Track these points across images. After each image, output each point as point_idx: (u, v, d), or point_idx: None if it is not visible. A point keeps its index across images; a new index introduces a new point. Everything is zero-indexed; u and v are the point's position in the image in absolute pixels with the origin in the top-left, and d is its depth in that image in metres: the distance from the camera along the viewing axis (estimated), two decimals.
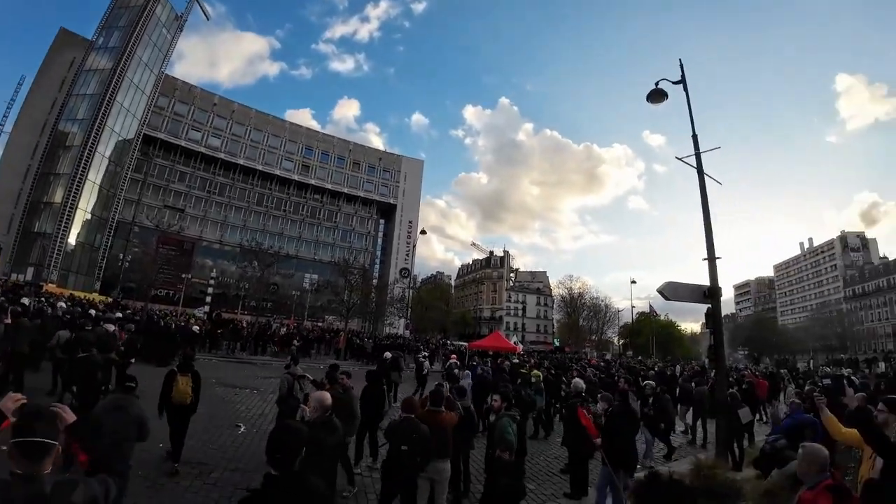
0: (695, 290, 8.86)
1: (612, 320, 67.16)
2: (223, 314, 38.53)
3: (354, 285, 46.21)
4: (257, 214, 64.70)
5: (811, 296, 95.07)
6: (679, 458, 9.10)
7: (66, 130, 47.25)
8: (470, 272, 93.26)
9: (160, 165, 57.88)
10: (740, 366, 39.22)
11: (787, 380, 19.09)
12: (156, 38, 52.44)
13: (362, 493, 6.11)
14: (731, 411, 8.49)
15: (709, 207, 9.31)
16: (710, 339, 9.13)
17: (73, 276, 45.95)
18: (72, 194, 44.56)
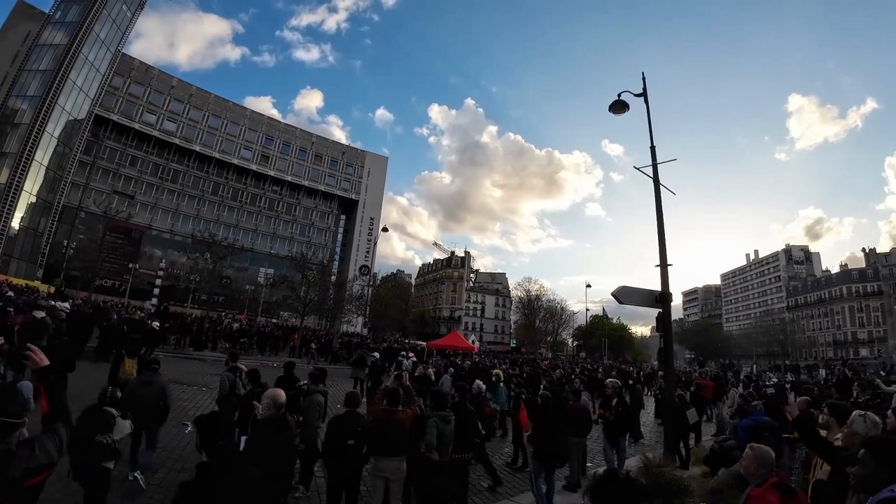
0: (647, 294, 9.18)
1: (567, 322, 69.00)
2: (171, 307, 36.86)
3: (312, 281, 45.13)
4: (212, 204, 62.08)
5: (755, 304, 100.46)
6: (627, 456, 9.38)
7: (15, 107, 43.59)
8: (431, 271, 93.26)
9: (111, 148, 54.51)
10: (690, 368, 41.14)
11: (732, 383, 20.21)
12: (115, 15, 49.35)
13: (315, 494, 5.95)
14: (679, 412, 8.84)
15: (663, 216, 9.67)
16: (661, 343, 9.46)
17: (14, 262, 42.51)
18: (17, 175, 41.17)
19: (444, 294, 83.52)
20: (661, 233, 9.61)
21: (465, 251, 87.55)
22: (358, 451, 4.54)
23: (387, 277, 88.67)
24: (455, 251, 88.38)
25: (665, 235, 9.60)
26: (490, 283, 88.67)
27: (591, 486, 1.66)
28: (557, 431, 6.27)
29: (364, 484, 5.05)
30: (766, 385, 14.96)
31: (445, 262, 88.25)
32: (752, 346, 73.37)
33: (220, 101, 63.62)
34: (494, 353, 36.69)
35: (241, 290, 53.86)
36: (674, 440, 8.48)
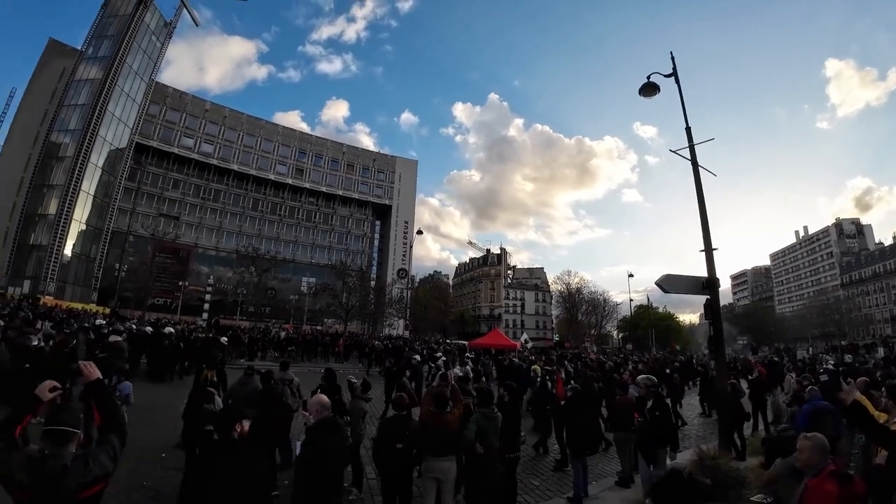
0: (693, 281, 8.88)
1: (610, 314, 67.38)
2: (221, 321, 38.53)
3: (352, 288, 46.19)
4: (252, 219, 64.51)
5: (808, 283, 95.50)
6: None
7: (58, 141, 46.84)
8: (467, 271, 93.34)
9: (153, 173, 57.62)
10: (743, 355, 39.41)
11: (788, 367, 19.15)
12: (145, 46, 52.16)
13: (368, 495, 6.12)
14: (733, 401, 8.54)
15: (704, 199, 9.30)
16: (710, 330, 9.16)
17: (69, 287, 45.60)
18: (66, 205, 44.18)
19: (483, 292, 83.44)
20: (703, 216, 9.26)
21: (501, 248, 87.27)
22: (407, 453, 4.65)
23: (424, 279, 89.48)
24: (490, 249, 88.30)
25: (708, 218, 9.25)
26: (528, 279, 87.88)
27: (654, 487, 1.62)
28: (588, 422, 6.60)
29: (416, 485, 5.16)
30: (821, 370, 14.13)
31: (481, 261, 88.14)
32: (806, 327, 69.49)
33: (252, 120, 66.01)
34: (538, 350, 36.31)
35: (285, 300, 55.60)
36: (728, 430, 8.19)
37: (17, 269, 43.52)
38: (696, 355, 37.57)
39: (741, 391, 9.23)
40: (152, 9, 52.11)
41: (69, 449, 2.22)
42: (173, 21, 56.34)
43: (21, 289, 40.45)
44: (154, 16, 53.07)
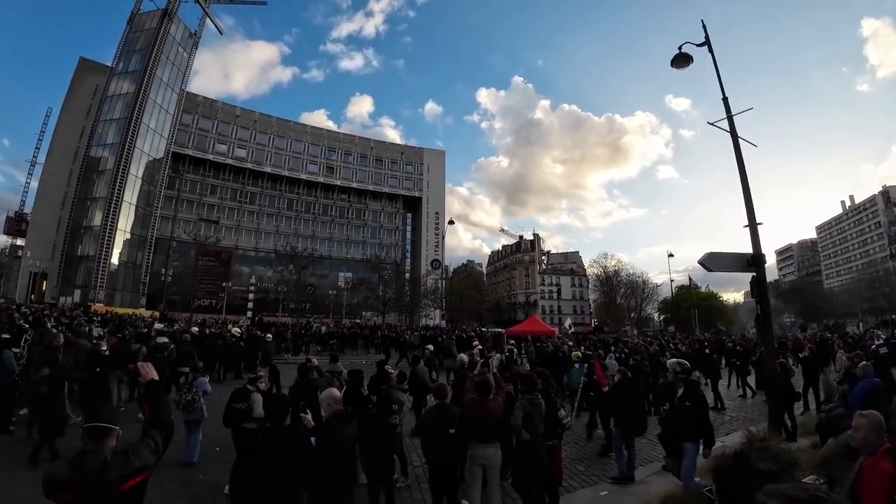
0: (737, 258, 8.58)
1: (650, 296, 65.70)
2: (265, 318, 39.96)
3: (388, 280, 46.92)
4: (288, 219, 66.30)
5: (856, 256, 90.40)
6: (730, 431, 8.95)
7: (97, 156, 49.29)
8: (501, 258, 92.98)
9: (191, 180, 59.98)
10: (791, 333, 37.74)
11: (838, 345, 18.18)
12: (173, 58, 53.97)
13: (415, 482, 6.31)
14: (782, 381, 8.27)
15: (746, 172, 8.94)
16: (757, 309, 8.86)
17: (118, 294, 48.18)
18: (110, 216, 46.51)
19: (518, 279, 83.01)
20: (745, 189, 8.89)
21: (534, 234, 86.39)
22: (458, 439, 4.76)
23: (458, 269, 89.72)
24: (523, 235, 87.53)
25: (751, 192, 8.90)
26: (563, 264, 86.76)
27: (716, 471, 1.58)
28: (635, 406, 6.61)
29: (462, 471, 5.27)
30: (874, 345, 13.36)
31: (515, 248, 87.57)
32: (855, 302, 65.70)
33: (281, 122, 67.52)
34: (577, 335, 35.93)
35: (324, 295, 57.02)
36: (778, 411, 7.95)
37: (66, 279, 46.28)
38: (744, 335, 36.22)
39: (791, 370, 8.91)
40: (177, 21, 53.73)
41: (109, 444, 2.37)
42: (198, 31, 58.06)
43: (72, 298, 42.97)
44: (179, 28, 54.73)
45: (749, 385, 13.53)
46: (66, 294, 43.85)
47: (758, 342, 21.44)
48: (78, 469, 2.25)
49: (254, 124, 64.63)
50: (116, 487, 2.23)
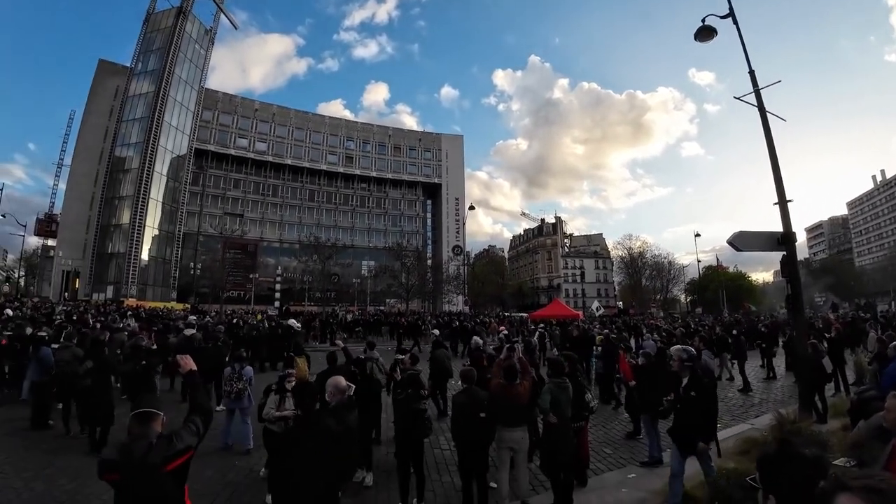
0: (767, 237, 8.40)
1: (677, 277, 64.46)
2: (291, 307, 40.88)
3: (410, 268, 47.28)
4: (310, 210, 67.20)
5: (888, 232, 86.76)
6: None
7: (122, 155, 50.75)
8: (522, 242, 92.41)
9: (214, 175, 61.25)
10: (821, 313, 36.62)
11: (870, 325, 17.56)
12: (190, 55, 54.75)
13: (444, 466, 6.47)
14: (813, 363, 8.11)
15: (775, 147, 8.69)
16: (787, 289, 8.67)
17: (150, 289, 49.91)
18: (138, 214, 48.01)
19: (540, 263, 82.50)
20: (775, 165, 8.64)
21: (556, 216, 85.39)
22: (486, 423, 4.84)
23: (480, 254, 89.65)
24: (545, 218, 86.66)
25: (780, 168, 8.65)
26: (587, 246, 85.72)
27: (761, 459, 1.55)
28: (659, 388, 6.36)
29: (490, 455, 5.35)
30: None
31: (536, 231, 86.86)
32: (888, 280, 62.86)
33: (299, 114, 68.04)
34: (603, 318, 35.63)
35: (348, 283, 57.83)
36: (809, 393, 7.81)
37: (99, 276, 48.13)
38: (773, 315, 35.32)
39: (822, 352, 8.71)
40: (192, 18, 54.33)
41: (154, 428, 2.58)
42: (213, 28, 58.72)
43: (105, 294, 44.69)
44: (194, 25, 55.33)
45: (773, 367, 13.30)
46: (99, 291, 45.64)
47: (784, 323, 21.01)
48: (126, 452, 2.45)
49: (273, 117, 65.33)
50: (160, 468, 2.42)
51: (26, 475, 5.68)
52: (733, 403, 10.18)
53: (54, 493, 5.22)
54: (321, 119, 70.56)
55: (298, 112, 68.23)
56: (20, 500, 5.05)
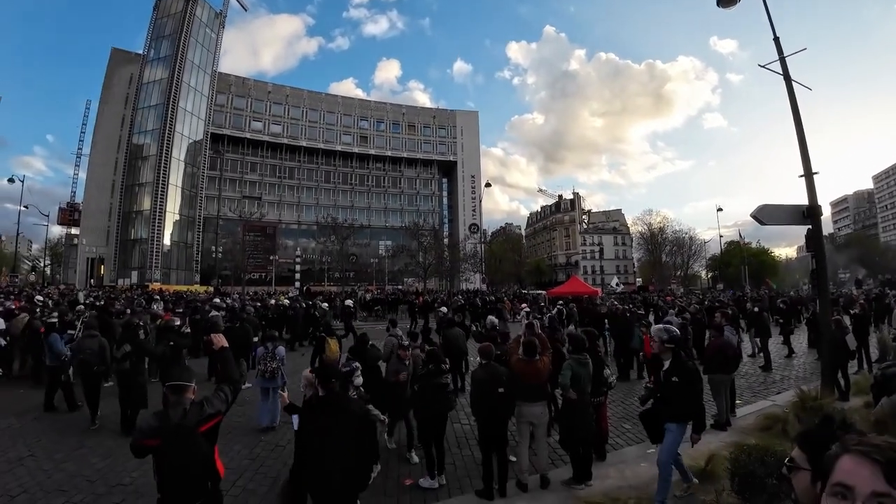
0: (792, 211, 8.22)
1: (698, 253, 63.34)
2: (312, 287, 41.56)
3: (427, 247, 47.48)
4: (327, 191, 67.57)
5: None
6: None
7: (139, 143, 51.43)
8: (540, 219, 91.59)
9: (231, 159, 61.65)
10: (846, 290, 35.70)
11: (894, 301, 17.14)
12: (202, 39, 54.70)
13: (464, 440, 6.64)
14: (837, 339, 7.99)
15: (801, 117, 8.43)
16: (812, 263, 8.53)
17: (173, 273, 51.13)
18: (158, 200, 48.93)
19: (558, 240, 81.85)
20: (801, 137, 8.41)
21: (574, 192, 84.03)
22: (509, 397, 4.92)
23: (496, 232, 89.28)
24: (562, 195, 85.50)
25: (806, 139, 8.42)
26: (605, 223, 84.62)
27: (802, 434, 1.54)
28: None
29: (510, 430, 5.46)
30: None
31: (554, 208, 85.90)
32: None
33: (312, 94, 67.88)
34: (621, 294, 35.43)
35: (366, 263, 58.42)
36: (831, 370, 7.72)
37: (123, 262, 49.45)
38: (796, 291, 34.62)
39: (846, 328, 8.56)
40: (201, 2, 54.14)
41: (187, 396, 2.92)
42: (223, 10, 58.48)
43: (130, 279, 45.86)
44: (204, 9, 55.06)
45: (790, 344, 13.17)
46: (124, 276, 46.91)
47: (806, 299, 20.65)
48: (163, 418, 2.81)
49: (286, 99, 65.30)
50: (194, 430, 2.77)
51: (58, 456, 5.86)
52: (754, 380, 10.15)
53: (85, 473, 5.36)
54: (334, 99, 70.28)
55: (311, 93, 68.06)
56: (51, 481, 5.16)
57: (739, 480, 3.88)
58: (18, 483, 5.08)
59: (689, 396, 4.35)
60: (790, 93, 8.50)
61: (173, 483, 2.73)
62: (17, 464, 5.62)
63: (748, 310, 13.99)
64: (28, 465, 5.62)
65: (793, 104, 8.46)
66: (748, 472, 3.79)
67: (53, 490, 4.94)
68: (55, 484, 5.09)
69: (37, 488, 4.97)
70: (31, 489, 4.96)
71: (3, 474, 5.30)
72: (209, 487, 2.82)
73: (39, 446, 6.27)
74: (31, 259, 67.50)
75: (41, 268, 63.03)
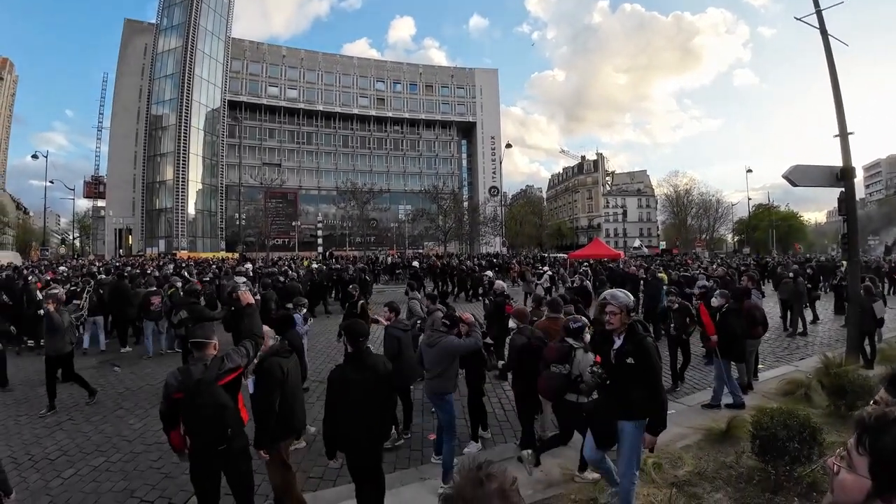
0: (825, 172, 7.95)
1: (725, 216, 61.66)
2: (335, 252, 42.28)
3: (447, 210, 47.39)
4: (345, 156, 67.36)
5: None
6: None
7: (158, 113, 51.80)
8: (562, 181, 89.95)
9: (250, 127, 61.92)
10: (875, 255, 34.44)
11: None
12: (214, 4, 53.96)
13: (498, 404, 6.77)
14: (865, 305, 7.79)
15: (837, 74, 8.05)
16: (843, 227, 8.27)
17: (199, 240, 52.49)
18: (180, 169, 49.71)
19: (580, 203, 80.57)
20: (836, 95, 8.06)
21: (597, 153, 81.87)
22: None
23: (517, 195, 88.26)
24: (585, 156, 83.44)
25: (842, 97, 8.04)
26: (629, 184, 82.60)
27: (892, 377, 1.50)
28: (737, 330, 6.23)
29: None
30: None
31: (576, 169, 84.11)
32: None
33: (327, 57, 66.72)
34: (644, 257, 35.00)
35: (387, 228, 58.91)
36: (859, 337, 7.56)
37: (150, 231, 50.84)
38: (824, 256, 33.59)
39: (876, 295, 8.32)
40: None
41: (208, 352, 3.21)
42: None
43: (158, 248, 47.31)
44: None
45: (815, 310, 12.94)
46: (152, 245, 48.43)
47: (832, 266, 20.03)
48: (186, 373, 3.08)
49: (301, 62, 64.41)
50: (214, 383, 3.05)
51: (95, 419, 6.11)
52: (777, 345, 10.06)
53: (123, 433, 5.60)
54: (349, 61, 68.87)
55: (326, 55, 66.85)
56: (90, 442, 5.38)
57: (761, 443, 3.91)
58: (58, 446, 5.30)
59: (648, 384, 3.25)
60: (826, 48, 8.15)
61: (197, 431, 3.03)
62: (56, 427, 5.87)
63: (780, 274, 13.71)
64: (66, 428, 5.86)
65: (829, 61, 8.10)
66: (771, 434, 3.82)
67: (92, 451, 5.16)
68: (93, 445, 5.32)
69: (76, 450, 5.20)
70: (69, 451, 5.18)
71: (43, 438, 5.52)
72: (229, 434, 3.04)
73: (77, 409, 6.53)
74: (61, 233, 70.05)
75: (70, 241, 65.39)
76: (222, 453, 3.06)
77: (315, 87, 64.91)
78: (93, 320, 9.98)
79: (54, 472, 4.68)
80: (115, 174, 52.57)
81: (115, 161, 52.83)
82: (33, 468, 4.79)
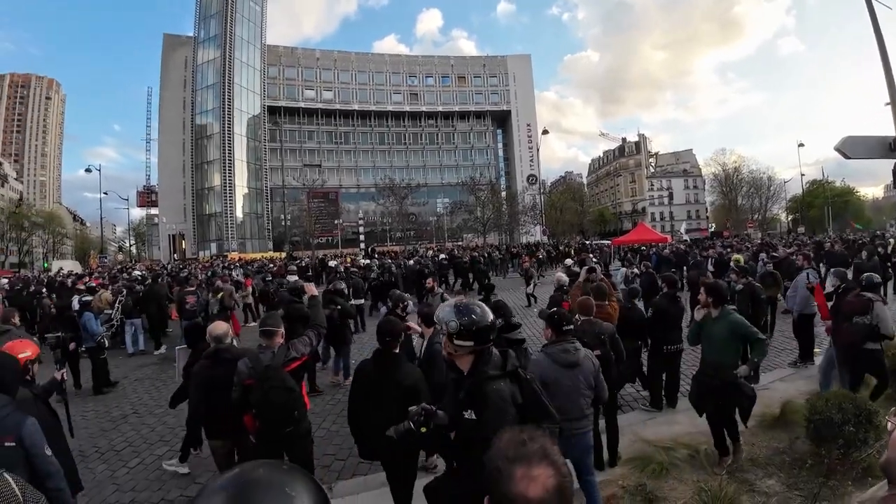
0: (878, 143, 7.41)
1: (777, 194, 58.22)
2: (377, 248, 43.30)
3: (485, 201, 47.26)
4: (382, 153, 68.27)
5: None
6: None
7: (202, 123, 54.30)
8: (602, 165, 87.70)
9: (289, 130, 63.76)
10: None
11: None
12: (247, 14, 55.79)
13: None
14: None
15: (883, 38, 7.59)
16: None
17: (248, 242, 54.96)
18: (227, 175, 52.06)
19: (622, 186, 78.37)
20: (885, 61, 7.54)
21: (639, 134, 79.21)
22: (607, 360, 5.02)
23: (556, 182, 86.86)
24: (626, 137, 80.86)
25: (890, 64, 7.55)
26: (675, 165, 79.36)
27: None
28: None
29: None
30: None
31: (617, 152, 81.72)
32: None
33: (359, 56, 67.77)
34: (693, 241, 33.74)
35: (426, 222, 59.41)
36: None
37: (202, 236, 53.57)
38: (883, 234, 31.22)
39: None
40: None
41: (276, 340, 3.43)
42: None
43: (210, 251, 49.85)
44: None
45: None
46: (204, 248, 51.15)
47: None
48: (255, 360, 3.31)
49: (334, 64, 65.70)
50: (280, 369, 3.25)
51: (158, 411, 6.35)
52: None
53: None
54: (381, 58, 69.61)
55: (359, 54, 67.92)
56: (154, 433, 5.65)
57: (815, 427, 3.85)
58: (123, 438, 5.55)
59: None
60: (871, 12, 7.68)
61: (266, 414, 3.25)
62: (122, 421, 6.13)
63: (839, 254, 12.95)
64: (132, 421, 6.13)
65: (875, 24, 7.64)
66: (825, 418, 3.77)
67: (157, 441, 5.40)
68: (157, 436, 5.55)
69: (140, 441, 5.44)
70: (135, 442, 5.42)
71: (109, 431, 5.79)
72: (296, 416, 3.29)
73: (141, 404, 6.81)
74: (118, 241, 74.95)
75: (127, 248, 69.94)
76: (288, 435, 3.27)
77: (349, 86, 66.09)
78: (130, 322, 10.19)
79: (120, 463, 4.91)
80: (166, 183, 55.67)
81: (164, 171, 55.94)
82: (100, 459, 5.03)
